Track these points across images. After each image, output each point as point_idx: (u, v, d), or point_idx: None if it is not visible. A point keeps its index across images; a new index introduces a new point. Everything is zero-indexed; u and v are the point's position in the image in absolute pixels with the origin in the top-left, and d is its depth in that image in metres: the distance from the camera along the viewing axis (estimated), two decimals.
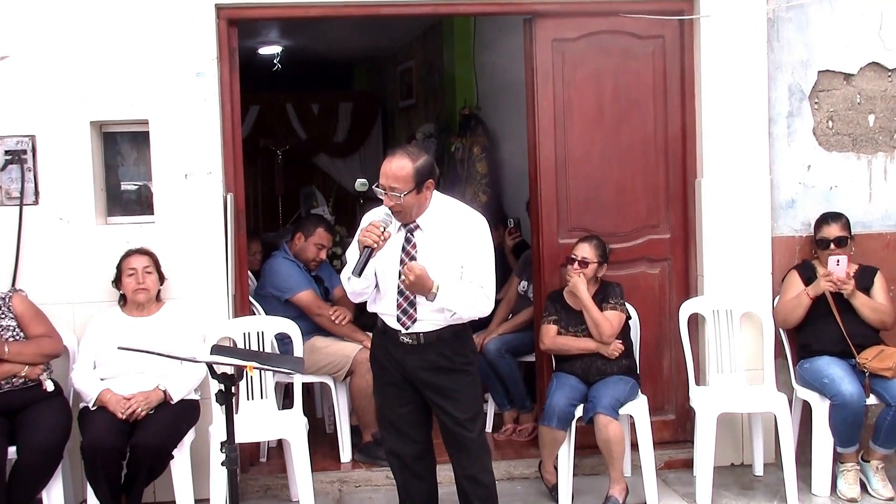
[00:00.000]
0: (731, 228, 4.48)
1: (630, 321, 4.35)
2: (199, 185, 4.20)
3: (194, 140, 4.19)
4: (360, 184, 7.71)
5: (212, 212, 4.21)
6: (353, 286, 3.30)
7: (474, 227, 3.32)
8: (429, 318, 3.29)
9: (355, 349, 4.60)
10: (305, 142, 9.62)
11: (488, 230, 3.36)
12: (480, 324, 4.43)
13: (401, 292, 3.27)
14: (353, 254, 3.31)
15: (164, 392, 3.83)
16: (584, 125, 4.55)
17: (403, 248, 3.28)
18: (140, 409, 3.73)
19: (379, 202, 3.33)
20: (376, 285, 3.36)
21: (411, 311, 3.28)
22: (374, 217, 3.30)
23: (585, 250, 4.21)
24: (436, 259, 3.24)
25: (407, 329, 3.29)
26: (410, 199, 3.22)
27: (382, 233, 3.17)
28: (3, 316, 3.86)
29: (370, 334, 4.66)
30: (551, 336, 4.26)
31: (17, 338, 3.84)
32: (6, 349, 3.75)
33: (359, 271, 3.16)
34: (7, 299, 3.90)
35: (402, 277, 3.17)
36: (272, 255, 4.94)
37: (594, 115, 4.55)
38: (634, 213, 4.60)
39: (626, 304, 4.29)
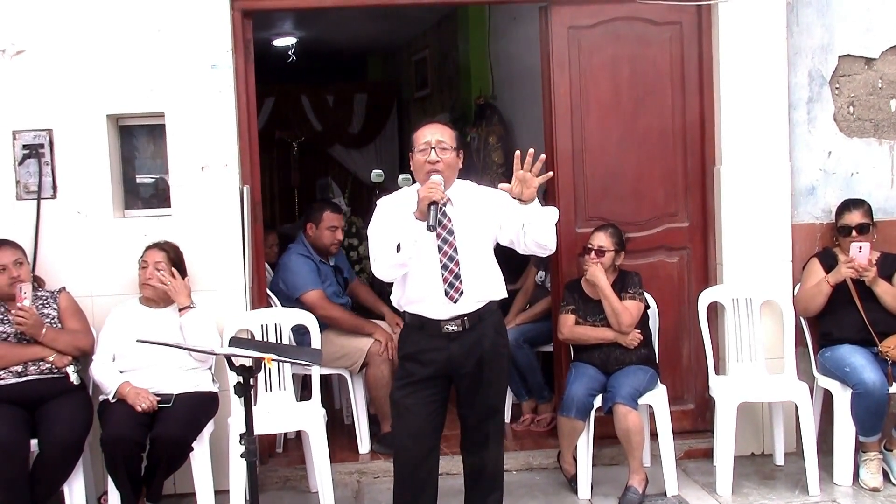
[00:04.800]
0: (751, 216, 4.45)
1: (648, 310, 4.33)
2: (215, 177, 4.21)
3: (210, 132, 4.20)
4: (376, 175, 7.71)
5: (228, 204, 4.22)
6: (404, 254, 3.18)
7: (500, 194, 3.32)
8: (472, 289, 3.27)
9: (369, 342, 4.61)
10: (321, 133, 9.63)
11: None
12: None
13: (444, 266, 3.25)
14: (377, 236, 3.28)
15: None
16: (601, 113, 4.53)
17: (440, 223, 3.23)
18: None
19: (387, 192, 3.36)
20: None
21: (457, 283, 3.25)
22: (389, 202, 3.37)
23: (602, 239, 4.19)
24: (471, 230, 3.29)
25: (456, 302, 3.25)
26: (452, 157, 3.29)
27: (443, 190, 3.18)
28: (47, 306, 3.97)
29: (379, 324, 4.70)
30: (569, 326, 4.25)
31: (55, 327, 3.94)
32: (43, 331, 3.82)
33: (435, 225, 3.11)
34: (55, 293, 4.03)
35: (518, 189, 3.14)
36: (287, 248, 4.92)
37: (611, 103, 4.53)
38: (652, 201, 4.58)
39: (644, 293, 4.26)
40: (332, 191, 8.73)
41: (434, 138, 3.27)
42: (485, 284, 3.33)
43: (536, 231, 3.22)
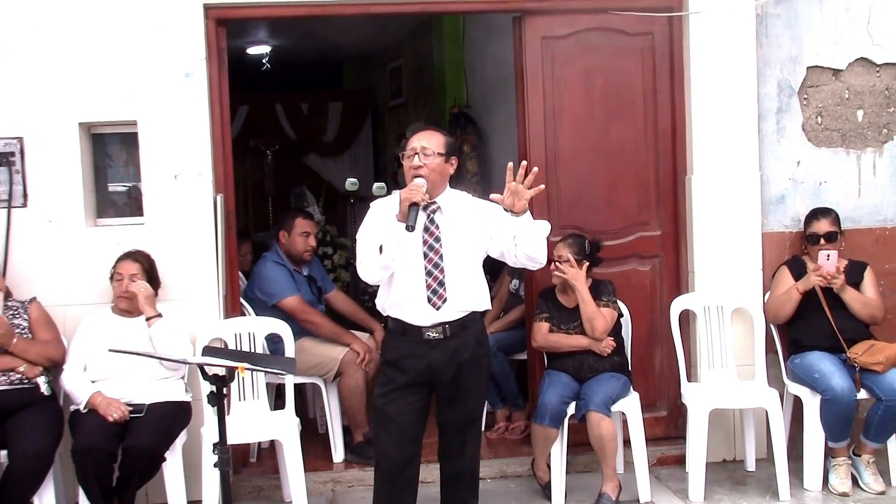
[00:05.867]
0: (722, 225, 4.51)
1: (622, 318, 4.35)
2: (188, 185, 4.20)
3: (183, 141, 4.19)
4: (351, 183, 7.69)
5: (202, 213, 4.21)
6: (388, 256, 3.21)
7: (492, 206, 3.36)
8: (456, 298, 3.30)
9: (342, 351, 4.61)
10: (295, 141, 9.60)
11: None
12: None
13: (429, 273, 3.28)
14: (365, 238, 3.30)
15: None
16: (574, 122, 4.57)
17: (426, 229, 3.30)
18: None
19: (372, 196, 3.37)
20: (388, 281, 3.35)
21: (441, 290, 3.28)
22: (381, 205, 3.38)
23: (560, 249, 4.23)
24: (459, 238, 3.31)
25: (438, 309, 3.29)
26: (438, 165, 3.30)
27: (424, 193, 3.21)
28: (18, 316, 3.93)
29: (357, 335, 4.71)
30: (543, 333, 4.27)
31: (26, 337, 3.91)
32: (14, 340, 3.79)
33: (413, 224, 3.15)
34: (26, 303, 3.99)
35: (510, 200, 3.20)
36: (262, 257, 4.92)
37: (584, 113, 4.57)
38: (625, 210, 4.62)
39: (617, 301, 4.29)
40: (306, 199, 8.69)
41: (419, 144, 3.30)
42: (468, 294, 3.36)
43: (527, 243, 3.27)
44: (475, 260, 3.39)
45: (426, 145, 3.30)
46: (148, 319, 3.92)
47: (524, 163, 3.25)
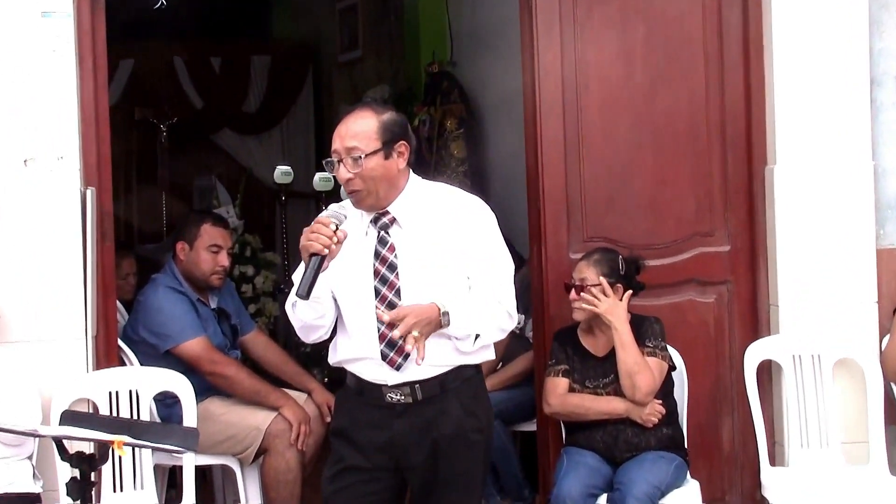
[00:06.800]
0: (817, 237, 4.56)
1: (673, 372, 4.36)
2: (44, 175, 4.19)
3: (39, 110, 4.19)
4: (282, 173, 7.69)
5: (64, 214, 4.20)
6: (302, 315, 3.28)
7: (474, 215, 3.36)
8: (427, 350, 3.22)
9: (268, 418, 4.58)
10: (202, 112, 9.70)
11: (493, 218, 3.40)
12: None
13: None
14: (296, 277, 3.27)
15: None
16: (605, 91, 4.62)
17: (377, 254, 3.28)
18: None
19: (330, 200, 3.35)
20: (336, 321, 3.36)
21: (401, 342, 3.20)
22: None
23: (583, 270, 4.25)
24: (425, 267, 3.25)
25: (399, 369, 3.25)
26: (376, 165, 3.23)
27: (335, 232, 3.12)
28: None
29: (292, 395, 4.73)
30: (560, 394, 4.27)
31: None
32: None
33: (306, 290, 3.08)
34: None
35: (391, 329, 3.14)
36: (151, 280, 4.92)
37: (619, 77, 4.63)
38: (678, 216, 4.67)
39: (668, 347, 4.29)
40: (216, 196, 8.69)
41: (343, 145, 3.24)
42: (446, 342, 3.28)
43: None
44: (456, 286, 3.30)
45: (353, 144, 3.23)
46: None
47: (386, 318, 3.13)
